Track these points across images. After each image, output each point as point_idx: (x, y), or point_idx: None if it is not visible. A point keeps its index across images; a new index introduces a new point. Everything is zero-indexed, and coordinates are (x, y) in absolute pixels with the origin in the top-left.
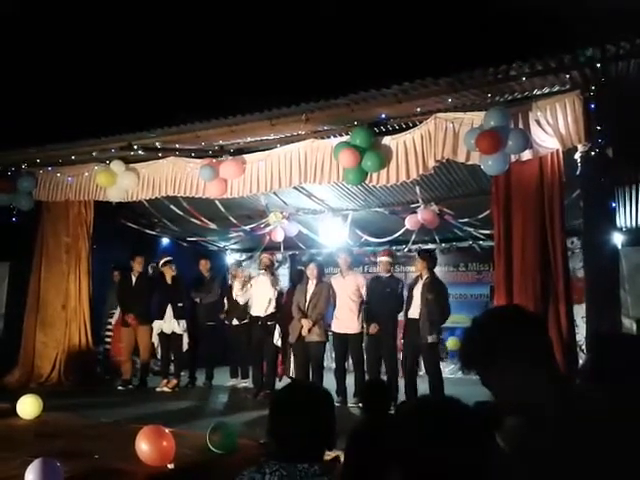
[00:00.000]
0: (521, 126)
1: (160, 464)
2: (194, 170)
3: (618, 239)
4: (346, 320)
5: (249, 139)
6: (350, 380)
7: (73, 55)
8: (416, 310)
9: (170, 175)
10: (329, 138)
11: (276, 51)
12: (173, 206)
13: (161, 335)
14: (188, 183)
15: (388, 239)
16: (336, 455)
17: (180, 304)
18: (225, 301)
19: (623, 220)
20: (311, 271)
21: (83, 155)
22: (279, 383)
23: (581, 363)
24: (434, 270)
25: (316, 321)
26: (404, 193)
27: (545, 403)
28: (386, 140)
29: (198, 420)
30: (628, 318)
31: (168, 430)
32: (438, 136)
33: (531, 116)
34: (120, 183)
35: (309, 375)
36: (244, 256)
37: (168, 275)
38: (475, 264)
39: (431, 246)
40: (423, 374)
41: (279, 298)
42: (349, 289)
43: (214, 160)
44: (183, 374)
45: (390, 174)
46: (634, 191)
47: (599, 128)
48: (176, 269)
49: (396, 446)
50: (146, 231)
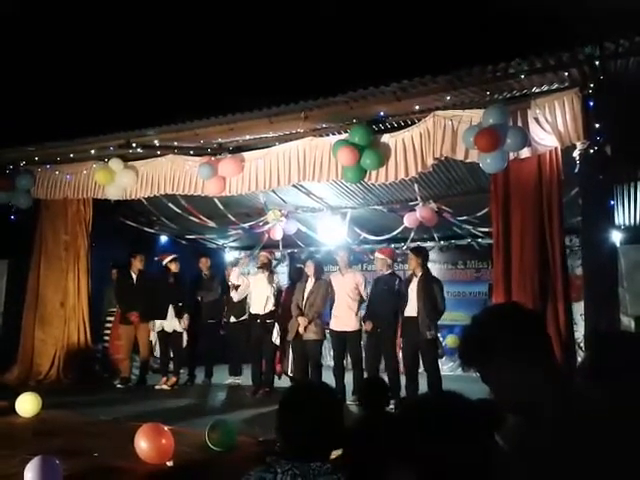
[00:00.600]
0: (520, 124)
1: (159, 462)
2: (193, 168)
3: (616, 237)
4: (344, 318)
5: (248, 137)
6: (349, 378)
7: (72, 53)
8: (412, 308)
9: (169, 173)
10: (328, 136)
11: (275, 49)
12: (172, 204)
13: (161, 333)
14: (187, 181)
15: (387, 237)
16: (342, 453)
17: (180, 302)
18: (225, 299)
19: (622, 218)
20: (309, 269)
21: (82, 153)
22: (278, 381)
23: (580, 361)
24: (428, 267)
25: (312, 319)
26: (403, 191)
27: (544, 401)
28: (385, 138)
29: (197, 418)
30: (626, 316)
31: (167, 428)
32: (437, 134)
33: (530, 114)
34: (119, 181)
35: (308, 373)
36: (243, 254)
37: (172, 272)
38: (474, 262)
39: (430, 244)
40: (422, 371)
41: (278, 296)
42: (348, 287)
43: (213, 158)
44: (182, 372)
45: (389, 172)
46: (632, 189)
47: (598, 126)
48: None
49: (397, 442)
50: (145, 229)
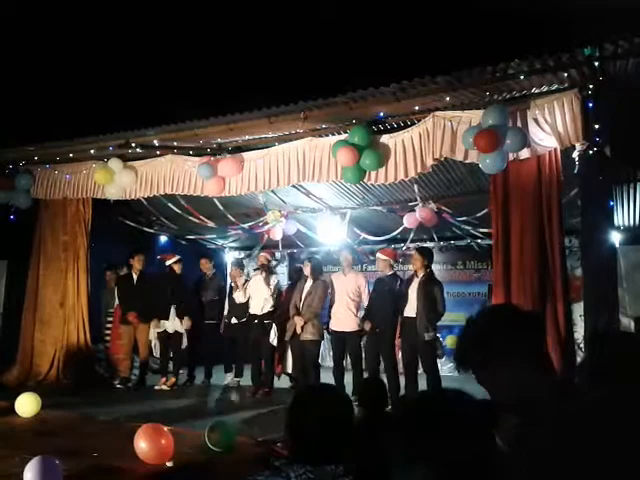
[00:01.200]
0: (519, 125)
1: (159, 462)
2: (192, 168)
3: (616, 238)
4: (344, 318)
5: (247, 137)
6: (348, 378)
7: (71, 53)
8: (412, 308)
9: (168, 173)
10: (327, 136)
11: (275, 49)
12: (171, 204)
13: (162, 334)
14: (186, 181)
15: (386, 237)
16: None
17: (182, 303)
18: (226, 300)
19: (621, 219)
20: (306, 269)
21: (81, 153)
22: (277, 381)
23: (579, 361)
24: (431, 268)
25: (309, 319)
26: (402, 191)
27: (540, 402)
28: (384, 138)
29: (197, 418)
30: (626, 317)
31: (167, 428)
32: (436, 134)
33: (529, 115)
34: (118, 181)
35: (306, 373)
36: (243, 254)
37: (175, 273)
38: (473, 262)
39: (429, 244)
40: (421, 372)
41: (278, 297)
42: (349, 288)
43: (212, 158)
44: (182, 372)
45: (388, 172)
46: (632, 190)
47: (597, 127)
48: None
49: (398, 440)
50: (144, 229)
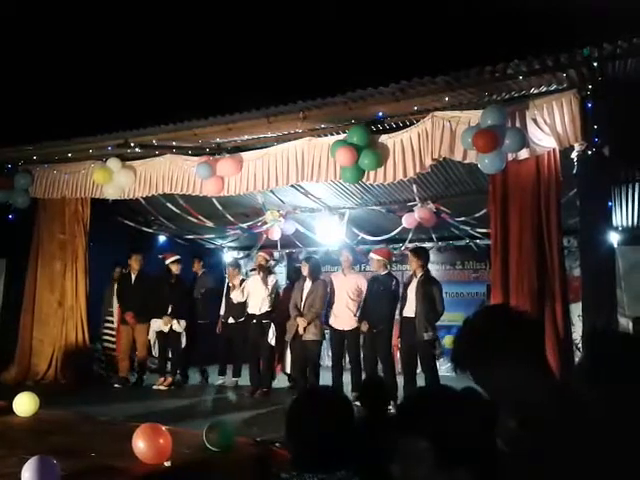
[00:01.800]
0: (518, 125)
1: (157, 462)
2: (191, 168)
3: (614, 238)
4: (343, 317)
5: (246, 137)
6: (347, 377)
7: (70, 53)
8: (411, 308)
9: (167, 173)
10: (326, 136)
11: (274, 49)
12: (170, 204)
13: (159, 333)
14: (185, 181)
15: (385, 237)
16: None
17: (178, 303)
18: (223, 300)
19: (619, 219)
20: (304, 269)
21: (80, 152)
22: (275, 381)
23: (577, 362)
24: (428, 267)
25: (311, 320)
26: (401, 191)
27: (538, 403)
28: (383, 138)
29: (195, 418)
30: (624, 317)
31: (165, 428)
32: (435, 134)
33: (528, 115)
34: (117, 180)
35: (306, 373)
36: (241, 254)
37: (174, 273)
38: (472, 262)
39: (428, 244)
40: (420, 372)
41: (276, 296)
42: (349, 287)
43: (211, 158)
44: (178, 371)
45: (387, 172)
46: (630, 190)
47: (596, 127)
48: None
49: (399, 436)
50: (143, 229)
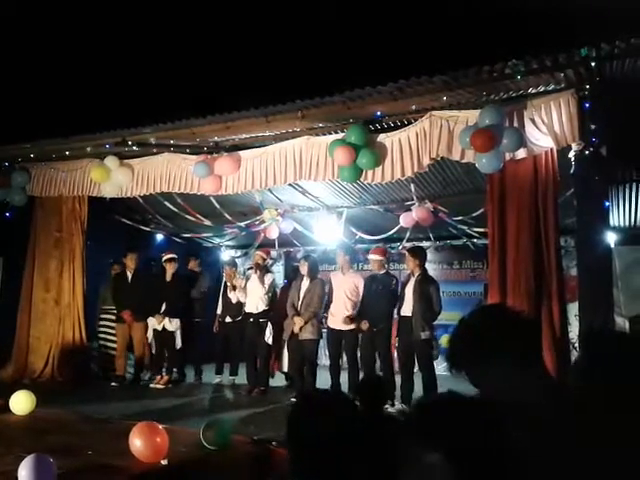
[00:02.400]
0: (516, 124)
1: (153, 460)
2: (189, 166)
3: (611, 238)
4: (341, 317)
5: (244, 136)
6: (344, 377)
7: (68, 51)
8: (408, 308)
9: (164, 171)
10: (324, 135)
11: (272, 48)
12: (167, 202)
13: (155, 332)
14: (182, 179)
15: (382, 237)
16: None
17: (175, 302)
18: (220, 299)
19: (616, 219)
20: (303, 268)
21: (77, 150)
22: (272, 380)
23: (573, 361)
24: (426, 267)
25: (308, 319)
26: (399, 191)
27: (534, 403)
28: (381, 138)
29: (192, 416)
30: (621, 317)
31: (162, 426)
32: (433, 134)
33: (526, 115)
34: (114, 179)
35: (303, 372)
36: (239, 253)
37: (169, 272)
38: (469, 262)
39: (425, 244)
40: (417, 371)
41: (273, 295)
42: (347, 287)
43: (209, 156)
44: (175, 370)
45: (385, 172)
46: (627, 190)
47: (593, 127)
48: (177, 267)
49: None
50: (140, 227)
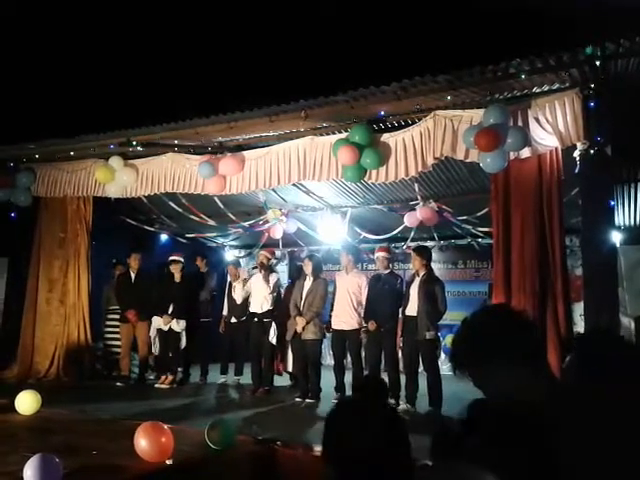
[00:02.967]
0: (520, 124)
1: (158, 460)
2: (193, 166)
3: (616, 237)
4: (345, 317)
5: (248, 136)
6: (349, 377)
7: (73, 51)
8: (413, 307)
9: (169, 171)
10: (328, 135)
11: (276, 48)
12: (172, 202)
13: (160, 332)
14: (187, 179)
15: (387, 236)
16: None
17: (183, 303)
18: (225, 299)
19: (622, 218)
20: (307, 267)
21: (82, 151)
22: (277, 380)
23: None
24: (431, 266)
25: (311, 319)
26: (403, 190)
27: (536, 403)
28: (385, 137)
29: (197, 416)
30: (626, 316)
31: (166, 426)
32: (437, 133)
33: (530, 114)
34: (119, 179)
35: (307, 372)
36: (243, 252)
37: (176, 274)
38: (474, 262)
39: (430, 243)
40: (422, 371)
41: (278, 295)
42: (351, 286)
43: (213, 157)
44: (179, 369)
45: (389, 171)
46: (633, 189)
47: (598, 126)
48: (183, 268)
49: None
50: (145, 227)
